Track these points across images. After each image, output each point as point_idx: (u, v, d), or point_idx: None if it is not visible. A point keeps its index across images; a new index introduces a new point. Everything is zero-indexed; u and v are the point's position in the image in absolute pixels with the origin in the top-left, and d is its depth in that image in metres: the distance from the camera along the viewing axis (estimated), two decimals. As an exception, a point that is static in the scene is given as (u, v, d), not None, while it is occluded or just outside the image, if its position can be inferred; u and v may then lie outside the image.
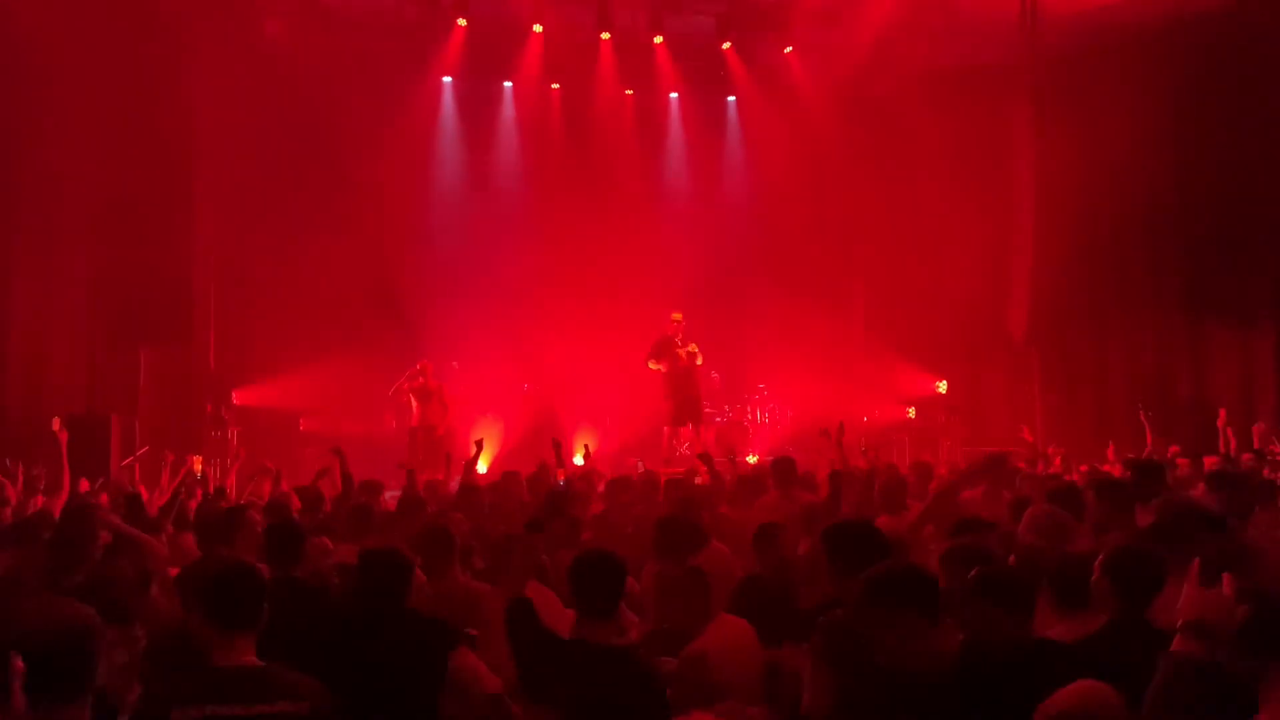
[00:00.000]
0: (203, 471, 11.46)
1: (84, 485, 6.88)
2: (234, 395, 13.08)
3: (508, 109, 15.71)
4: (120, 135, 10.88)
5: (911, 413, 14.99)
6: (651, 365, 12.74)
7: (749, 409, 15.48)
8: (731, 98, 16.31)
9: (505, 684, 3.67)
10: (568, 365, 15.64)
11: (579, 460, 11.32)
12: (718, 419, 14.84)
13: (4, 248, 10.16)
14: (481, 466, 13.02)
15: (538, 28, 14.26)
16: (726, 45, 14.96)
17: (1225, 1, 12.21)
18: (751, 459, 13.17)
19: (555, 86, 15.52)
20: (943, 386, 15.07)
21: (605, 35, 14.44)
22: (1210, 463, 7.86)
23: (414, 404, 13.07)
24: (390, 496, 7.37)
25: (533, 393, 14.75)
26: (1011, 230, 14.06)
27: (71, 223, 10.97)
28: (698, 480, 8.55)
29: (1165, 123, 12.92)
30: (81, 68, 10.50)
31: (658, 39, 14.60)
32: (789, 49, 14.96)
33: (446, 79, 15.14)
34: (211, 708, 2.91)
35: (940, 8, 13.33)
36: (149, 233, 11.26)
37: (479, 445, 8.85)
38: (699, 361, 12.87)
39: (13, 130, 10.13)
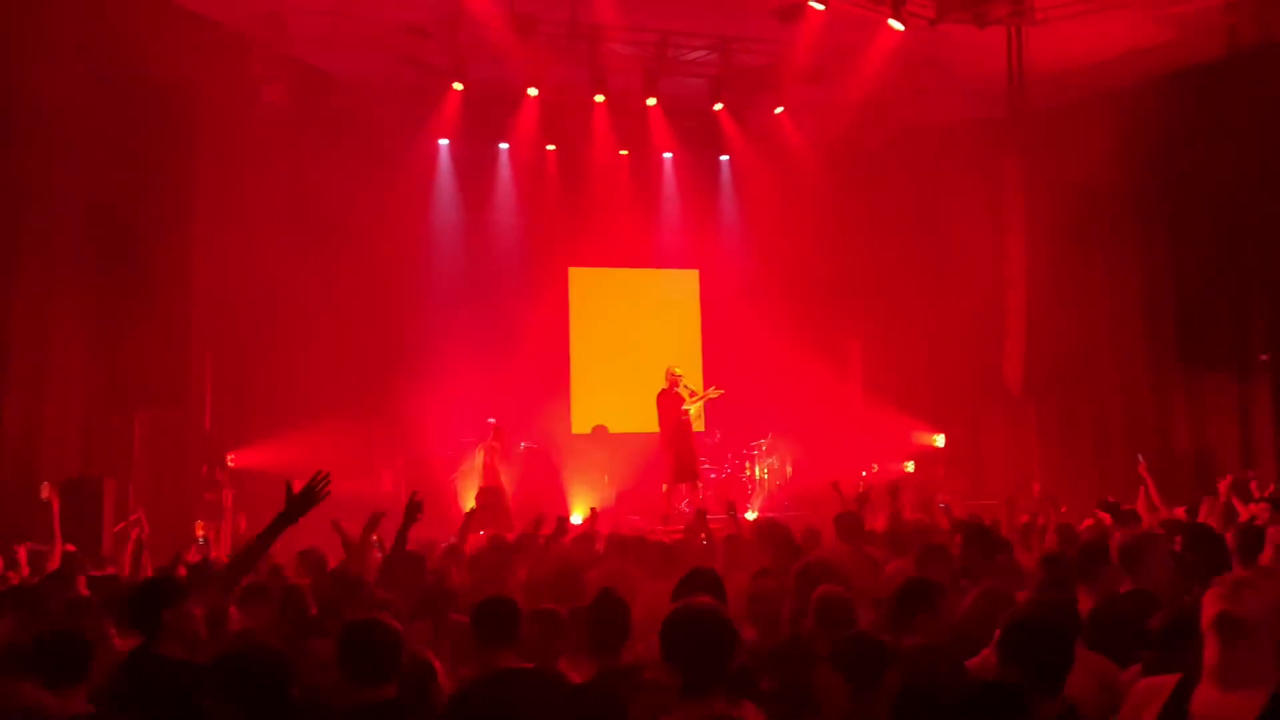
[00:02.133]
0: (204, 536, 11.41)
1: (70, 548, 6.79)
2: (229, 457, 13.03)
3: (504, 170, 15.89)
4: (119, 199, 10.97)
5: (910, 466, 14.93)
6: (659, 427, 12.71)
7: (748, 464, 15.42)
8: (724, 157, 16.52)
9: None
10: (566, 423, 15.62)
11: (577, 519, 11.25)
12: (713, 475, 14.77)
13: (1, 311, 10.17)
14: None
15: (533, 91, 14.45)
16: (719, 106, 15.15)
17: (1211, 55, 12.41)
18: (751, 514, 13.09)
19: (551, 148, 15.71)
20: (940, 440, 15.03)
21: (599, 98, 14.62)
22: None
23: (482, 463, 13.19)
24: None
25: (531, 451, 14.68)
26: (1005, 283, 14.11)
27: (69, 286, 10.99)
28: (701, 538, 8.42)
29: (1155, 175, 13.07)
30: (82, 132, 10.62)
31: (651, 101, 14.78)
32: (780, 109, 15.13)
33: (443, 141, 15.34)
34: None
35: (929, 65, 13.50)
36: (146, 296, 11.28)
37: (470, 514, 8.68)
38: (700, 403, 12.86)
39: (12, 192, 10.19)
